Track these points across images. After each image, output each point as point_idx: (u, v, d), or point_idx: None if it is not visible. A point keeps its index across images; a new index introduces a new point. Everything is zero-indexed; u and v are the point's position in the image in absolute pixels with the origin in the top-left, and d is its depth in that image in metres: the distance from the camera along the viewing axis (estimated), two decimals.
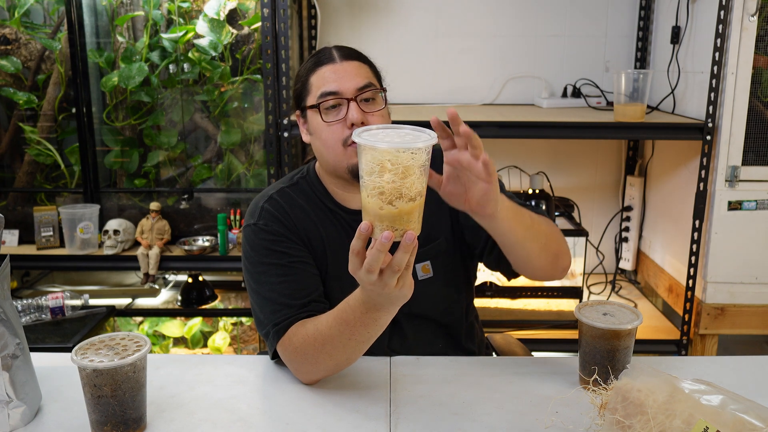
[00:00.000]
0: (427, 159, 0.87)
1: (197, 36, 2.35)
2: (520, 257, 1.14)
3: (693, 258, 2.11)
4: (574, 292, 2.41)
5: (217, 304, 2.62)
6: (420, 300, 1.20)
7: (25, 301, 2.19)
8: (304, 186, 1.30)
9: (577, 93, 2.51)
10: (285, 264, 1.20)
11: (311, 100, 1.21)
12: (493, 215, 1.00)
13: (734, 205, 2.05)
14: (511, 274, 1.28)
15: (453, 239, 1.30)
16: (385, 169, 0.85)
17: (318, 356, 1.10)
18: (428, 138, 0.87)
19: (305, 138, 1.27)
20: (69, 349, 0.97)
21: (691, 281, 2.13)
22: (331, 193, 1.28)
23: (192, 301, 2.56)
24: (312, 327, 1.11)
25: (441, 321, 1.32)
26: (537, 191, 2.38)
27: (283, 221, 1.24)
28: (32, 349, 1.07)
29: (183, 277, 2.69)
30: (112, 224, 2.38)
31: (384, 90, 1.24)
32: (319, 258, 1.25)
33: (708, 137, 2.02)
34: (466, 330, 1.37)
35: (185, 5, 2.37)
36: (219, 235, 2.34)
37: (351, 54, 1.23)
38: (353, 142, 1.16)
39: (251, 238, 1.23)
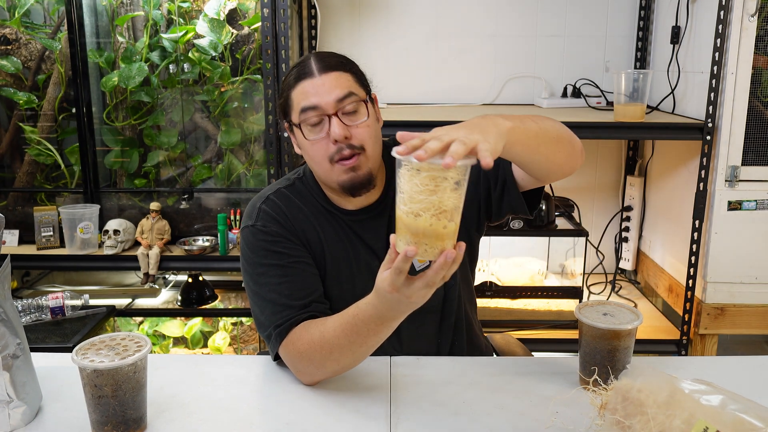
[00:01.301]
0: (464, 178, 0.85)
1: (197, 36, 2.35)
2: (541, 161, 1.09)
3: (693, 258, 2.11)
4: (574, 292, 2.41)
5: (217, 304, 2.62)
6: None
7: (25, 301, 2.19)
8: (300, 187, 1.29)
9: (577, 93, 2.51)
10: (285, 264, 1.19)
11: (294, 117, 1.19)
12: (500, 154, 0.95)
13: (734, 205, 2.05)
14: (528, 208, 1.24)
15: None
16: (430, 185, 0.83)
17: (324, 361, 1.10)
18: (467, 159, 0.84)
19: (296, 149, 1.26)
20: (69, 349, 0.97)
21: (691, 281, 2.13)
22: (328, 195, 1.28)
23: (192, 301, 2.56)
24: (317, 333, 1.10)
25: (443, 311, 1.32)
26: None
27: (281, 222, 1.23)
28: (32, 349, 1.07)
29: (183, 277, 2.69)
30: (112, 224, 2.37)
31: (368, 98, 1.21)
32: (318, 259, 1.25)
33: (708, 137, 2.02)
34: (469, 316, 1.36)
35: (185, 5, 2.37)
36: (219, 235, 2.34)
37: (331, 64, 1.18)
38: (339, 159, 1.16)
39: (250, 240, 1.23)
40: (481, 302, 2.38)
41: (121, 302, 2.63)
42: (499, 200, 1.26)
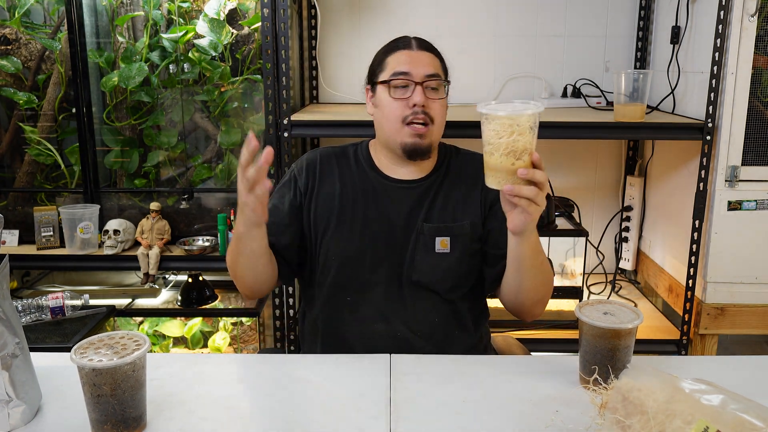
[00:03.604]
0: (530, 126, 1.06)
1: (197, 36, 2.35)
2: (514, 284, 1.28)
3: (693, 258, 2.11)
4: (574, 292, 2.41)
5: (217, 304, 2.62)
6: (429, 270, 1.33)
7: (25, 301, 2.19)
8: (350, 152, 1.44)
9: (577, 93, 2.51)
10: (276, 204, 1.38)
11: (384, 76, 1.35)
12: (519, 235, 1.18)
13: (734, 205, 2.05)
14: (487, 290, 1.44)
15: (478, 229, 1.37)
16: (500, 131, 1.05)
17: (234, 265, 1.30)
18: (537, 105, 1.06)
19: (369, 110, 1.42)
20: (69, 349, 0.97)
21: (691, 281, 2.13)
22: (376, 161, 1.41)
23: (192, 301, 2.56)
24: None
25: (443, 296, 1.36)
26: None
27: (308, 176, 1.40)
28: (32, 349, 1.07)
29: (183, 277, 2.69)
30: (112, 224, 2.37)
31: (448, 82, 1.39)
32: (326, 214, 1.38)
33: (708, 137, 2.02)
34: (467, 316, 1.39)
35: (185, 5, 2.37)
36: (219, 235, 2.34)
37: (427, 46, 1.39)
38: (411, 122, 1.31)
39: (289, 170, 1.44)
40: None
41: (121, 302, 2.62)
42: (488, 232, 1.40)
